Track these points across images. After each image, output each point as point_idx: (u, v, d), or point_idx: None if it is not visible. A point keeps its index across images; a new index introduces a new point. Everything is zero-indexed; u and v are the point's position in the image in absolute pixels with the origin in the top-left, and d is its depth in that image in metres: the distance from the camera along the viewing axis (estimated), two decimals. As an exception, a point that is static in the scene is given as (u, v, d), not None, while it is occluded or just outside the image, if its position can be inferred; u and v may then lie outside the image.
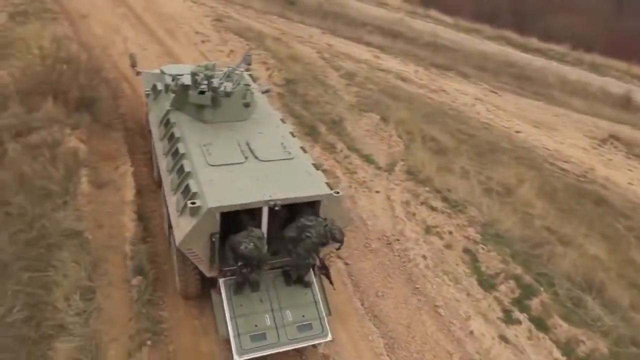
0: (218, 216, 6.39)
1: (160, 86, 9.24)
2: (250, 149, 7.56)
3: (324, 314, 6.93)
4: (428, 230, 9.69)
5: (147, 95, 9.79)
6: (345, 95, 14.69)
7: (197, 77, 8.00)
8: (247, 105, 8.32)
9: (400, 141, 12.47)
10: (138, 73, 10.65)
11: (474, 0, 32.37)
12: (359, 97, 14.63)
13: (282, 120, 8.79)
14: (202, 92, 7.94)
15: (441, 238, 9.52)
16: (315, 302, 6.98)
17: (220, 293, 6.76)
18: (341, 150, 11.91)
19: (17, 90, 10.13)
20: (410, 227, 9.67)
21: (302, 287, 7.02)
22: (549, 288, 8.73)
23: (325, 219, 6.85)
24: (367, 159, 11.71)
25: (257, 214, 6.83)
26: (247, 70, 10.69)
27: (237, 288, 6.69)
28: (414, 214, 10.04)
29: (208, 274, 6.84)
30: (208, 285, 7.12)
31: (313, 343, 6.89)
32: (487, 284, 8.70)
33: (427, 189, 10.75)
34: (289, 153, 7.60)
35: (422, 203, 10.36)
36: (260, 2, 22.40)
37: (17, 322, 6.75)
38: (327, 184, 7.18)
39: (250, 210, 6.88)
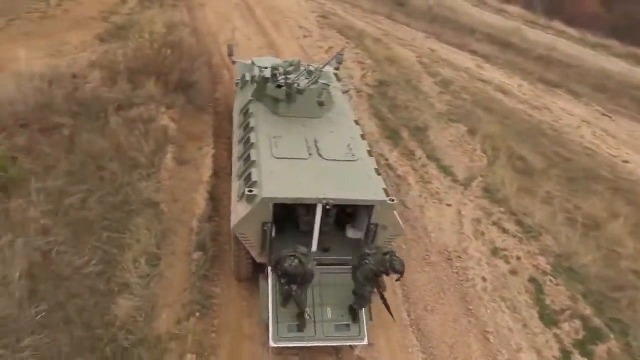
0: (271, 207, 6.66)
1: (248, 77, 9.74)
2: (316, 146, 7.72)
3: (364, 318, 6.95)
4: (495, 252, 9.24)
5: (237, 84, 10.37)
6: (437, 103, 14.33)
7: (276, 72, 8.33)
8: (321, 104, 8.47)
9: (484, 156, 11.94)
10: (234, 62, 11.32)
11: (609, 13, 29.66)
12: (449, 107, 14.18)
13: (356, 122, 8.84)
14: (279, 87, 8.26)
15: (507, 263, 9.03)
16: (358, 305, 7.02)
17: (267, 279, 7.05)
18: (420, 158, 11.69)
19: (127, 69, 11.29)
20: (476, 247, 9.30)
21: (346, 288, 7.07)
22: (622, 337, 7.95)
23: (375, 232, 6.88)
24: (445, 171, 11.37)
25: (312, 210, 7.01)
26: (336, 69, 10.89)
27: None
28: (482, 234, 9.62)
29: (258, 260, 7.18)
30: (259, 271, 7.47)
31: (348, 344, 6.96)
32: (549, 319, 8.13)
33: (502, 209, 10.22)
34: (353, 155, 7.65)
35: (493, 223, 9.87)
36: (369, 2, 22.41)
37: (92, 275, 7.57)
38: (385, 190, 7.15)
39: (306, 206, 7.09)
